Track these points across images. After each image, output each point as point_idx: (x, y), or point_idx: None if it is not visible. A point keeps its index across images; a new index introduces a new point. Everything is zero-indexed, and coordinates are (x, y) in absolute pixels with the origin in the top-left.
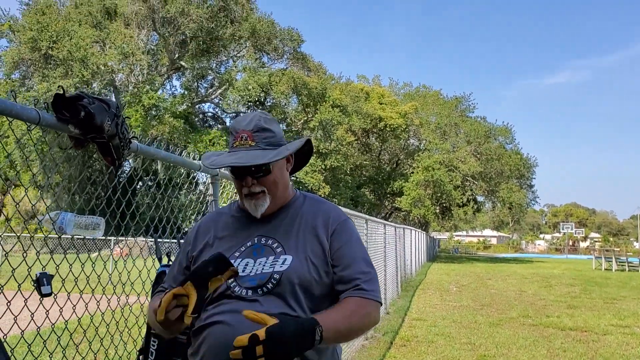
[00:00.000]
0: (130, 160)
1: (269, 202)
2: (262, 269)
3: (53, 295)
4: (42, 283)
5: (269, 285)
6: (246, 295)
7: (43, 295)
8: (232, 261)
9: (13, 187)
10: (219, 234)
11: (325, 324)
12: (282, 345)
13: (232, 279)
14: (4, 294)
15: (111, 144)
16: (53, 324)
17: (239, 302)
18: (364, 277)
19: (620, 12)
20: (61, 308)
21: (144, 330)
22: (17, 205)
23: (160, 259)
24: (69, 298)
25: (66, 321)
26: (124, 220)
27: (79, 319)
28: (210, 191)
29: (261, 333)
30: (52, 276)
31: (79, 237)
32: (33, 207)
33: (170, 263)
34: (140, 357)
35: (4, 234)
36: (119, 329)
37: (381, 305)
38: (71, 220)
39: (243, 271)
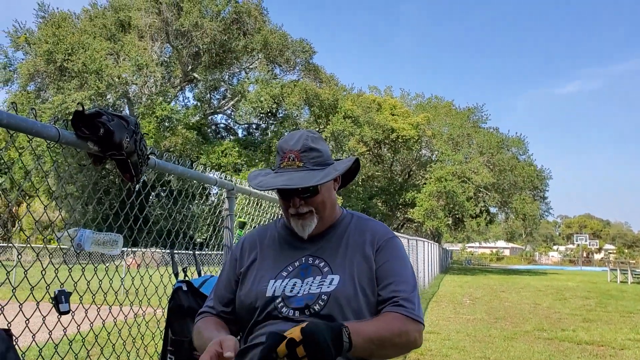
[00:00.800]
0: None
1: (317, 222)
2: (310, 289)
3: (71, 312)
4: (60, 300)
5: (317, 307)
6: (293, 316)
7: (61, 313)
8: (280, 281)
9: (28, 197)
10: (265, 252)
11: (354, 329)
12: (319, 342)
13: (279, 300)
14: (22, 312)
15: (130, 160)
16: (71, 341)
17: (286, 323)
18: (403, 295)
19: (632, 20)
20: (79, 325)
21: (160, 344)
22: (33, 220)
23: (176, 275)
24: (86, 313)
25: (83, 338)
26: (137, 232)
27: (96, 335)
28: (226, 205)
29: (296, 334)
30: (70, 293)
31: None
32: (53, 225)
33: (187, 278)
34: None
35: (19, 245)
36: (135, 345)
37: (422, 325)
38: (89, 237)
39: (291, 291)
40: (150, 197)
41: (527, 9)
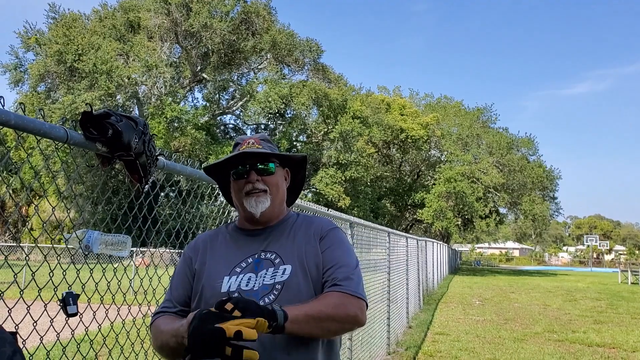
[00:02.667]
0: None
1: (269, 204)
2: (264, 280)
3: (79, 314)
4: (68, 303)
5: (272, 297)
6: None
7: (69, 315)
8: (234, 277)
9: (38, 198)
10: (218, 251)
11: (290, 308)
12: (248, 300)
13: (236, 295)
14: (30, 314)
15: (138, 162)
16: (79, 343)
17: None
18: (341, 276)
19: None
20: (87, 326)
21: None
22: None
23: None
24: (94, 314)
25: (91, 340)
26: (144, 231)
27: (104, 336)
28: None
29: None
30: (78, 295)
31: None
32: (60, 226)
33: None
34: None
35: (28, 245)
36: (143, 347)
37: (363, 301)
38: (97, 238)
39: (246, 285)
40: (160, 197)
41: (537, 10)
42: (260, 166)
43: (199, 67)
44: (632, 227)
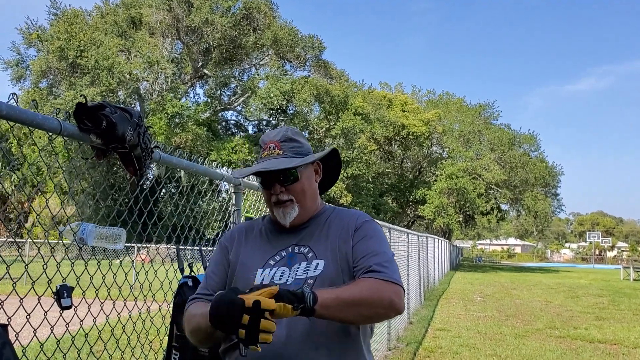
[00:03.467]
0: (154, 168)
1: (298, 211)
2: (296, 275)
3: (73, 307)
4: (62, 295)
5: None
6: None
7: (63, 308)
8: (268, 270)
9: (40, 193)
10: (252, 243)
11: (321, 291)
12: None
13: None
14: (23, 306)
15: (133, 154)
16: (73, 337)
17: None
18: (375, 263)
19: None
20: (81, 320)
21: (166, 340)
22: (37, 216)
23: (182, 270)
24: (89, 308)
25: (86, 333)
26: (146, 227)
27: (100, 330)
28: (233, 201)
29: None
30: (72, 288)
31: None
32: (52, 217)
33: (193, 274)
34: None
35: (29, 240)
36: (140, 341)
37: (399, 287)
38: (92, 231)
39: (280, 279)
40: (162, 193)
41: (540, 5)
42: (282, 177)
43: (200, 63)
44: (634, 223)
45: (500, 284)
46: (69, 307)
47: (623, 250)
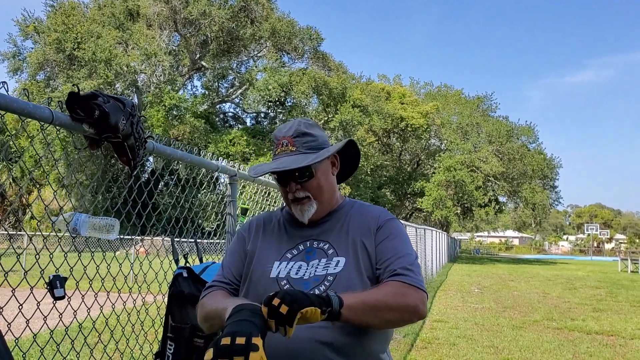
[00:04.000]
0: (151, 159)
1: (316, 207)
2: (315, 271)
3: (67, 297)
4: (55, 286)
5: (322, 288)
6: None
7: (56, 299)
8: (285, 263)
9: (38, 186)
10: (270, 235)
11: (346, 295)
12: (296, 292)
13: (285, 282)
14: (15, 297)
15: (126, 143)
16: (67, 327)
17: None
18: (400, 266)
19: None
20: (75, 311)
21: (161, 332)
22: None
23: (177, 261)
24: (83, 299)
25: (80, 324)
26: (143, 219)
27: (94, 321)
28: (229, 192)
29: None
30: (65, 279)
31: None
32: (45, 207)
33: (188, 265)
34: None
35: (28, 233)
36: (134, 332)
37: (424, 293)
38: (85, 221)
39: (296, 274)
40: (160, 185)
41: None
42: (297, 174)
43: (198, 55)
44: (632, 215)
45: (498, 275)
46: (62, 298)
47: (621, 242)
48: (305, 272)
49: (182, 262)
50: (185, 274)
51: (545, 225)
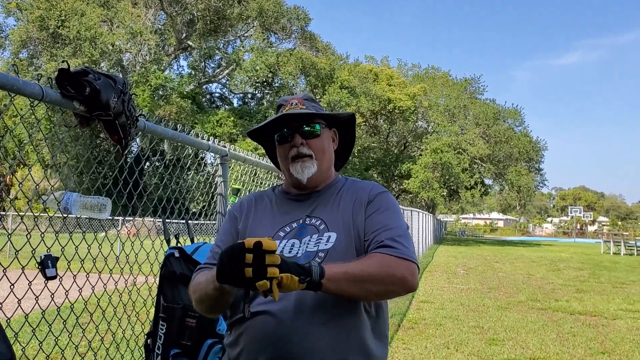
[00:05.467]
0: (137, 140)
1: (316, 168)
2: (307, 247)
3: (59, 277)
4: (46, 265)
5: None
6: None
7: (48, 278)
8: (277, 241)
9: (22, 166)
10: (262, 213)
11: (329, 265)
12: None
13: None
14: (6, 277)
15: (117, 122)
16: (59, 307)
17: None
18: (387, 237)
19: None
20: (67, 291)
21: (152, 312)
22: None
23: (168, 241)
24: (74, 279)
25: (72, 304)
26: (131, 200)
27: (85, 301)
28: (220, 172)
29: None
30: (57, 258)
31: (85, 217)
32: (37, 187)
33: (179, 245)
34: (149, 340)
35: (12, 213)
36: (126, 312)
37: (413, 264)
38: (77, 200)
39: (289, 252)
40: (147, 166)
41: None
42: (305, 128)
43: (184, 35)
44: (615, 198)
45: (483, 257)
46: (53, 277)
47: (604, 225)
48: (298, 249)
49: (173, 243)
50: (176, 254)
51: (529, 208)
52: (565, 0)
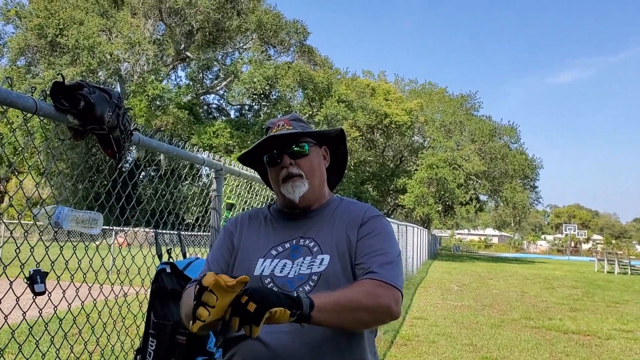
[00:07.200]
0: (133, 150)
1: (307, 187)
2: (300, 269)
3: (47, 293)
4: (35, 280)
5: (307, 287)
6: None
7: (36, 294)
8: (269, 260)
9: (17, 173)
10: (256, 230)
11: (318, 295)
12: (264, 289)
13: (269, 280)
14: None
15: (112, 136)
16: (47, 323)
17: None
18: (376, 264)
19: (628, 11)
20: (55, 306)
21: (142, 327)
22: (10, 197)
23: (160, 256)
24: (63, 293)
25: (60, 319)
26: (125, 210)
27: (75, 316)
28: (214, 186)
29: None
30: (46, 273)
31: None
32: (27, 199)
33: (171, 260)
34: (138, 357)
35: (6, 221)
36: (116, 327)
37: (398, 291)
38: (68, 215)
39: (281, 272)
40: (141, 176)
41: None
42: (294, 148)
43: (182, 45)
44: (609, 217)
45: (478, 273)
46: (42, 293)
47: (598, 243)
48: (290, 270)
49: (165, 257)
50: (168, 270)
51: (524, 225)
52: (558, 19)
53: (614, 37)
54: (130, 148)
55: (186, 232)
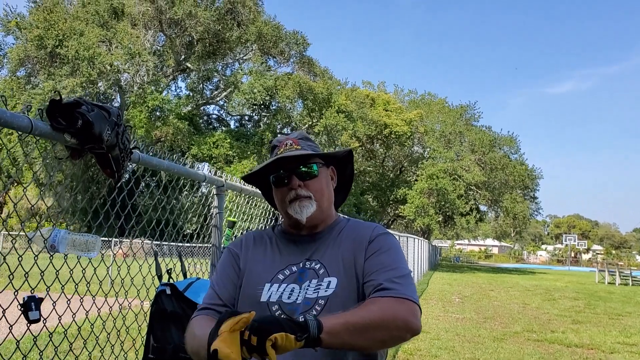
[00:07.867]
0: (133, 165)
1: (315, 208)
2: (306, 293)
3: (42, 320)
4: (29, 308)
5: (313, 312)
6: None
7: (31, 322)
8: (276, 285)
9: (16, 184)
10: (262, 253)
11: (327, 317)
12: (266, 321)
13: (276, 307)
14: None
15: (110, 155)
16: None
17: None
18: (386, 279)
19: (626, 22)
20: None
21: (142, 351)
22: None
23: (160, 277)
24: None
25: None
26: (125, 221)
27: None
28: (215, 203)
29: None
30: (41, 299)
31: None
32: (30, 207)
33: (171, 281)
34: None
35: (4, 232)
36: (114, 352)
37: (415, 304)
38: (64, 237)
39: (289, 298)
40: (140, 187)
41: (523, 8)
42: (303, 169)
43: (182, 56)
44: (609, 227)
45: (478, 285)
46: (37, 321)
47: (598, 253)
48: (298, 295)
49: (165, 278)
50: (168, 291)
51: (524, 235)
52: (557, 30)
53: (613, 48)
54: (129, 167)
55: (187, 244)
